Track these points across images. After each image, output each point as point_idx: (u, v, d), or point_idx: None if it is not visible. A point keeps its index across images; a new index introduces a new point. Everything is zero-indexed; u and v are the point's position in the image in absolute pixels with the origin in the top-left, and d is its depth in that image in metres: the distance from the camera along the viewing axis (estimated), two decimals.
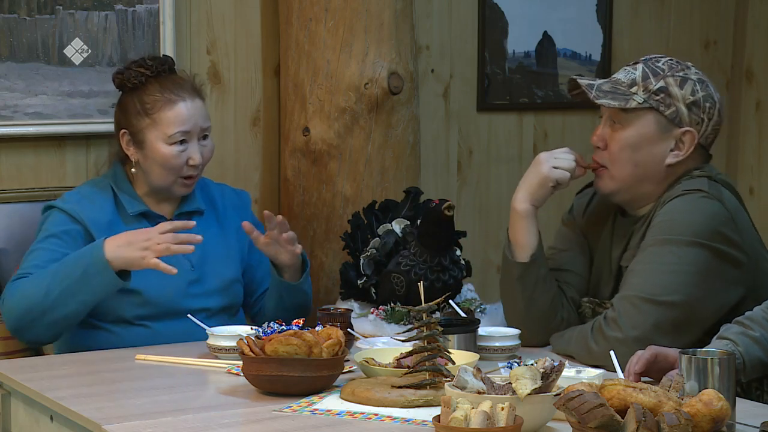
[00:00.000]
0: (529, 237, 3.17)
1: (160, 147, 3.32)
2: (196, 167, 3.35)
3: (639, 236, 3.07)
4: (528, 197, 3.17)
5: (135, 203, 3.37)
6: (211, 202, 3.49)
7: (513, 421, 2.25)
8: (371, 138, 3.85)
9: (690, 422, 2.16)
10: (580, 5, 4.60)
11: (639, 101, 3.06)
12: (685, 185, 3.04)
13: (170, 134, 3.31)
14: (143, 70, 3.37)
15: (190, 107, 3.34)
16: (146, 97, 3.34)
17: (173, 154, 3.32)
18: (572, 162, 3.16)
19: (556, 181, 3.15)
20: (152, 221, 3.36)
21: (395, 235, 3.50)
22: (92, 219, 3.31)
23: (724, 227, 2.97)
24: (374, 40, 3.82)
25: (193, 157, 3.33)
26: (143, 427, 2.46)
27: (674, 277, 2.93)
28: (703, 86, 3.08)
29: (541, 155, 3.20)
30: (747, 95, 4.90)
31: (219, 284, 3.37)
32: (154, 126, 3.32)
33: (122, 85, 3.39)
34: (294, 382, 2.66)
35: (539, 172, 3.16)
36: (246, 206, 3.55)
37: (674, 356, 2.64)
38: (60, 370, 3.00)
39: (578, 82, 3.13)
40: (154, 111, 3.32)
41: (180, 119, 3.32)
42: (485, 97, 4.47)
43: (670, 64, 3.12)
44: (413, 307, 2.71)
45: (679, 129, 3.06)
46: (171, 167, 3.33)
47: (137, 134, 3.35)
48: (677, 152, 3.07)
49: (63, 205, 3.32)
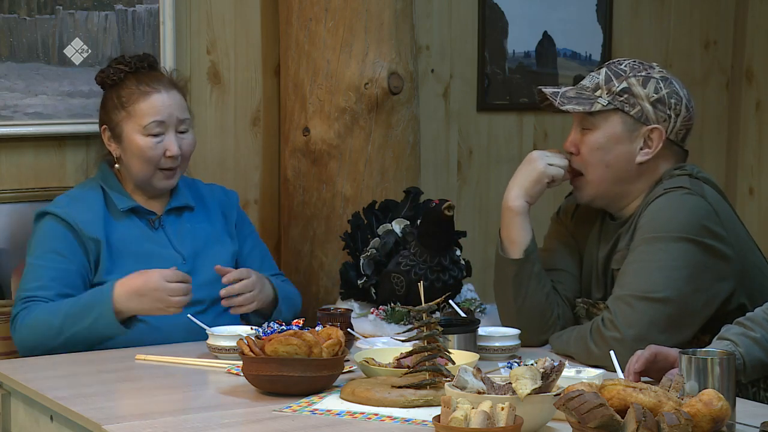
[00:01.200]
0: (523, 234, 3.18)
1: (136, 138, 3.34)
2: (174, 158, 3.36)
3: (627, 238, 3.10)
4: (522, 194, 3.18)
5: (124, 199, 3.39)
6: (201, 200, 3.52)
7: (513, 421, 2.25)
8: (371, 138, 3.85)
9: (690, 422, 2.16)
10: (580, 5, 4.60)
11: (603, 104, 3.10)
12: (666, 184, 3.07)
13: (144, 125, 3.33)
14: (122, 67, 3.41)
15: (165, 98, 3.36)
16: (123, 91, 3.38)
17: (149, 146, 3.34)
18: (565, 159, 3.19)
19: (552, 177, 3.17)
20: (142, 217, 3.39)
21: (395, 235, 3.50)
22: (85, 220, 3.32)
23: (708, 221, 3.00)
24: (374, 40, 3.82)
25: (169, 148, 3.35)
26: (143, 427, 2.46)
27: (665, 274, 2.96)
28: (666, 83, 3.11)
29: (533, 153, 3.22)
30: (747, 95, 4.90)
31: (211, 276, 3.36)
32: (129, 118, 3.35)
33: (103, 82, 3.44)
34: (294, 382, 2.66)
35: (535, 169, 3.18)
36: (233, 205, 3.57)
37: (674, 356, 2.65)
38: (60, 370, 3.00)
39: (543, 91, 3.16)
40: (129, 103, 3.36)
41: (154, 110, 3.34)
42: (485, 97, 4.47)
43: (632, 65, 3.14)
44: (413, 307, 2.71)
45: (646, 127, 3.10)
46: (148, 159, 3.34)
47: (115, 128, 3.38)
48: (647, 150, 3.11)
49: (55, 209, 3.33)
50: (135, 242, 3.36)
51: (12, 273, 3.50)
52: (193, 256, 3.41)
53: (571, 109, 3.12)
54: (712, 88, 4.91)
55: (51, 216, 3.33)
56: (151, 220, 3.41)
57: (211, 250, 3.44)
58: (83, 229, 3.30)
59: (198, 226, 3.45)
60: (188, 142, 3.40)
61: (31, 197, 3.67)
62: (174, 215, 3.44)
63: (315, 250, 3.89)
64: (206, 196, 3.54)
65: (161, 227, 3.41)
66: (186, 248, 3.38)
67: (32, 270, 3.29)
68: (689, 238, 2.98)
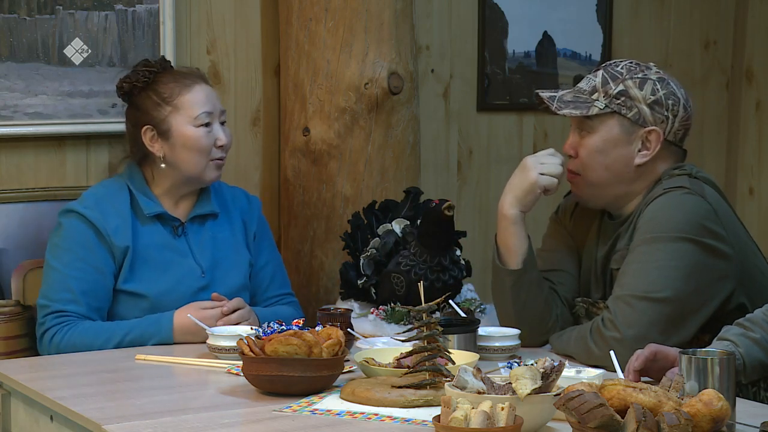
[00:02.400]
0: (519, 242, 3.18)
1: (187, 130, 3.32)
2: (224, 147, 3.36)
3: (626, 238, 3.10)
4: (516, 203, 3.17)
5: (151, 204, 3.34)
6: (224, 205, 3.48)
7: (513, 421, 2.25)
8: (371, 138, 3.85)
9: (690, 422, 2.16)
10: (580, 5, 4.60)
11: (600, 107, 3.10)
12: (666, 184, 3.07)
13: (196, 115, 3.32)
14: (149, 68, 3.37)
15: (205, 89, 3.37)
16: (161, 88, 3.34)
17: (202, 135, 3.32)
18: (559, 167, 3.17)
19: (545, 187, 3.16)
20: (166, 224, 3.35)
21: (395, 235, 3.50)
22: (114, 227, 3.27)
23: (708, 221, 3.00)
24: (374, 40, 3.83)
25: (219, 137, 3.34)
26: (143, 427, 2.46)
27: (665, 274, 2.96)
28: (663, 84, 3.11)
29: (527, 160, 3.19)
30: (747, 95, 4.91)
31: (227, 291, 3.34)
32: (176, 112, 3.32)
33: (132, 87, 3.37)
34: (294, 382, 2.66)
35: (527, 178, 3.16)
36: (254, 214, 3.52)
37: (674, 355, 2.65)
38: (60, 370, 3.00)
39: (540, 95, 3.16)
40: (173, 97, 3.33)
41: (201, 100, 3.33)
42: (485, 97, 4.47)
43: (629, 67, 3.14)
44: (413, 307, 2.71)
45: (643, 129, 3.10)
46: (201, 148, 3.32)
47: (161, 125, 3.33)
48: (645, 152, 3.10)
49: (84, 210, 3.28)
50: (156, 250, 3.32)
51: (12, 273, 3.50)
52: (212, 268, 3.37)
53: (568, 114, 3.12)
54: (712, 88, 4.91)
55: (78, 216, 3.28)
56: (175, 227, 3.36)
57: (229, 261, 3.41)
58: (112, 237, 3.26)
59: (219, 234, 3.41)
60: (229, 134, 3.40)
61: (31, 197, 3.67)
62: (198, 223, 3.40)
63: (315, 250, 3.89)
64: (229, 202, 3.49)
65: (184, 235, 3.37)
66: (206, 258, 3.35)
67: (61, 279, 3.24)
68: (689, 238, 2.98)
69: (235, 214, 3.48)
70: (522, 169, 3.19)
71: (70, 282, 3.23)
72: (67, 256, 3.25)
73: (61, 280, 3.24)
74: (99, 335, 3.19)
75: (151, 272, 3.28)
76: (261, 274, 3.49)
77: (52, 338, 3.20)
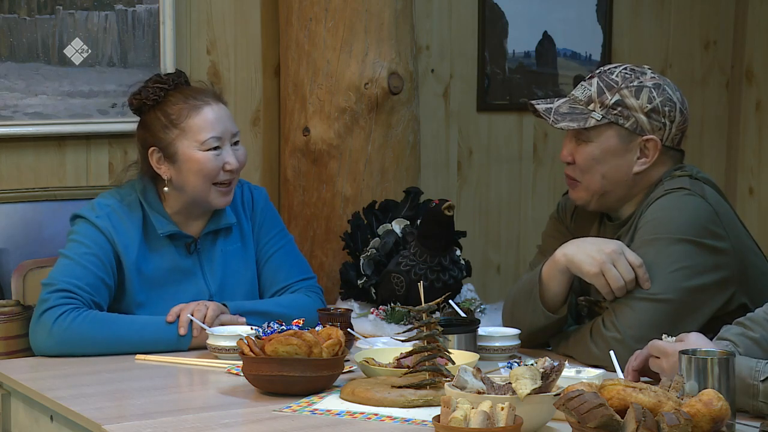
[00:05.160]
0: (564, 289, 3.07)
1: (194, 155, 3.19)
2: (233, 172, 3.23)
3: (627, 239, 3.09)
4: (573, 260, 3.00)
5: (165, 223, 3.24)
6: (236, 209, 3.36)
7: (513, 421, 2.25)
8: (371, 138, 3.85)
9: (690, 422, 2.16)
10: (580, 5, 4.60)
11: (597, 118, 3.08)
12: (667, 185, 3.07)
13: (203, 140, 3.19)
14: (161, 85, 3.25)
15: (217, 111, 3.23)
16: (170, 109, 3.22)
17: (209, 158, 3.19)
18: (628, 277, 2.96)
19: (602, 273, 2.96)
20: (179, 243, 3.27)
21: (395, 235, 3.50)
22: (123, 243, 3.21)
23: (709, 222, 3.00)
24: (374, 40, 3.83)
25: (229, 161, 3.21)
26: (143, 427, 2.46)
27: (665, 274, 2.96)
28: (659, 91, 3.09)
29: (616, 246, 2.98)
30: (747, 95, 4.90)
31: None
32: (183, 135, 3.20)
33: (142, 104, 3.25)
34: (294, 382, 2.66)
35: (605, 251, 2.96)
36: (257, 205, 3.40)
37: (672, 349, 2.65)
38: (60, 370, 3.00)
39: (536, 108, 3.14)
40: (180, 120, 3.20)
41: (209, 124, 3.20)
42: (485, 97, 4.47)
43: (624, 74, 3.11)
44: (413, 307, 2.71)
45: (641, 137, 3.08)
46: (207, 173, 3.19)
47: (167, 148, 3.21)
48: (643, 159, 3.10)
49: (95, 219, 3.21)
50: (164, 274, 3.25)
51: (12, 273, 3.50)
52: (221, 290, 3.29)
53: (565, 127, 3.09)
54: (712, 88, 4.91)
55: (89, 222, 3.21)
56: (188, 244, 3.28)
57: (238, 277, 3.32)
58: (119, 248, 3.20)
59: (230, 248, 3.32)
60: (242, 154, 3.26)
61: (31, 197, 3.67)
62: (210, 238, 3.31)
63: (315, 250, 3.89)
64: (239, 205, 3.37)
65: (196, 252, 3.29)
66: (216, 277, 3.28)
67: (72, 265, 3.17)
68: (690, 239, 2.98)
69: (244, 218, 3.38)
70: (608, 243, 3.00)
71: (80, 270, 3.16)
72: (81, 249, 3.18)
73: (72, 266, 3.17)
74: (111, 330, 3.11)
75: (158, 299, 3.22)
76: (267, 265, 3.38)
77: (58, 318, 3.09)
